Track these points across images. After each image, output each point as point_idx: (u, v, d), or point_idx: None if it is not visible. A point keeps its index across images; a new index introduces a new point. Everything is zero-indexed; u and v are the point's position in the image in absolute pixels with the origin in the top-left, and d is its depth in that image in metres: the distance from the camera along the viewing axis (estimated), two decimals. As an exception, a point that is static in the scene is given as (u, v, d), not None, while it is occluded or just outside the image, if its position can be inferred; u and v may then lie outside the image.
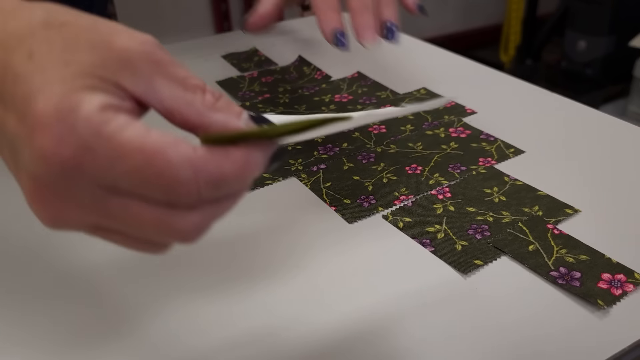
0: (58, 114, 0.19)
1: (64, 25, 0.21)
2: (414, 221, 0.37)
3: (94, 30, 0.21)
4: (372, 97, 0.54)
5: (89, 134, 0.19)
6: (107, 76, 0.20)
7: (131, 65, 0.21)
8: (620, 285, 0.30)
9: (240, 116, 0.22)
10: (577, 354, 0.27)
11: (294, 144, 0.46)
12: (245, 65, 0.62)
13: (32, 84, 0.20)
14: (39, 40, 0.21)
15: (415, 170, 0.42)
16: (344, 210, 0.38)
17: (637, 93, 1.73)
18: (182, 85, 0.22)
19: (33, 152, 0.19)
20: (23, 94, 0.20)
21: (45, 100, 0.19)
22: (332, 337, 0.29)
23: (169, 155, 0.20)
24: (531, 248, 0.34)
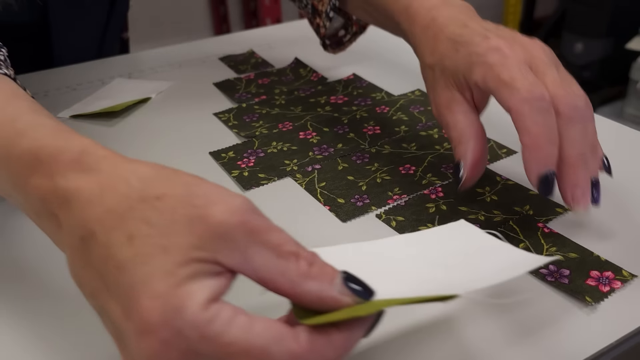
0: (164, 317, 0.19)
1: (160, 199, 0.21)
2: (406, 220, 0.37)
3: (190, 203, 0.21)
4: (367, 98, 0.54)
5: (196, 338, 0.19)
6: (206, 256, 0.21)
7: (228, 238, 0.21)
8: (608, 282, 0.31)
9: (333, 281, 0.22)
10: (566, 348, 0.27)
11: (289, 145, 0.46)
12: (242, 67, 0.63)
13: (135, 276, 0.20)
14: (137, 220, 0.21)
15: (408, 170, 0.42)
16: (337, 209, 0.38)
17: (634, 95, 1.74)
18: (276, 253, 0.21)
19: (140, 352, 0.20)
20: (126, 285, 0.20)
21: (151, 300, 0.19)
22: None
23: (273, 353, 0.20)
24: (521, 246, 0.34)
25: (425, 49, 0.37)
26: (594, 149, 0.32)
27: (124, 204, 0.21)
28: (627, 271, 0.32)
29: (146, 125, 0.51)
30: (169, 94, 0.58)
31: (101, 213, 0.21)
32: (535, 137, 0.30)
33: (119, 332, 0.21)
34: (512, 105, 0.31)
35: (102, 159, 0.23)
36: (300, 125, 0.49)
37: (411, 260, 0.28)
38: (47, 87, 0.60)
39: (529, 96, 0.30)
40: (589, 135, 0.32)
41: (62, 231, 0.23)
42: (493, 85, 0.32)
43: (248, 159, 0.45)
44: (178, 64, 0.65)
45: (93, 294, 0.22)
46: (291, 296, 0.22)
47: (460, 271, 0.26)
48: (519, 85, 0.30)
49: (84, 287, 0.22)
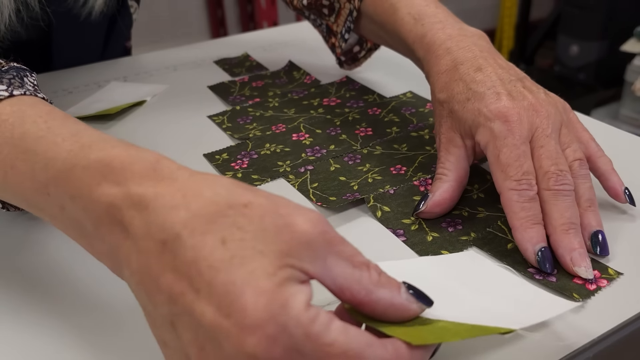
0: (270, 313, 0.19)
1: (247, 207, 0.22)
2: (392, 211, 0.38)
3: (276, 212, 0.22)
4: (360, 100, 0.55)
5: (300, 335, 0.20)
6: (296, 264, 0.21)
7: (312, 248, 0.22)
8: (594, 280, 0.31)
9: (400, 290, 0.24)
10: (553, 342, 0.28)
11: (282, 146, 0.47)
12: (237, 70, 0.64)
13: (234, 275, 0.20)
14: (228, 224, 0.21)
15: (399, 170, 0.43)
16: (329, 204, 0.39)
17: (628, 97, 1.74)
18: (351, 263, 0.23)
19: (241, 350, 0.19)
20: (224, 284, 0.20)
21: (256, 297, 0.20)
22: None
23: (367, 356, 0.21)
24: (509, 246, 0.35)
25: (438, 83, 0.39)
26: (591, 203, 0.34)
27: (212, 209, 0.21)
28: (613, 269, 0.32)
29: (141, 128, 0.52)
30: (164, 96, 0.58)
31: (187, 217, 0.21)
32: (522, 220, 0.32)
33: (210, 333, 0.20)
34: (502, 190, 0.34)
35: (177, 169, 0.24)
36: (293, 127, 0.50)
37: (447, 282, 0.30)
38: (44, 90, 0.60)
39: (518, 187, 0.33)
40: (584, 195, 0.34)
41: (130, 238, 0.22)
42: (490, 158, 0.35)
43: (242, 161, 0.45)
44: (173, 67, 0.66)
45: (173, 297, 0.21)
46: (366, 304, 0.23)
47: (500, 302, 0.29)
48: (512, 174, 0.33)
49: (160, 294, 0.21)
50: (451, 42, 0.39)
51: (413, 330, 0.24)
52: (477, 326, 0.25)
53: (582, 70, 1.94)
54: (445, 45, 0.39)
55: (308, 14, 0.56)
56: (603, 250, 0.33)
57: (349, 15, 0.51)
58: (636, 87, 1.65)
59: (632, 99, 1.73)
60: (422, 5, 0.43)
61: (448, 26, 0.41)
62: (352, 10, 0.50)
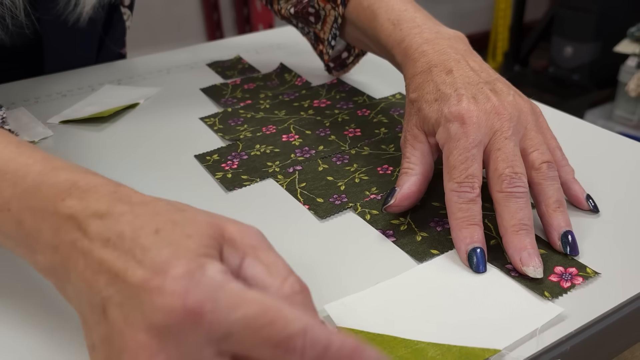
0: (188, 271, 0.22)
1: (184, 211, 0.25)
2: (380, 214, 0.39)
3: (210, 215, 0.25)
4: (350, 102, 0.56)
5: (214, 287, 0.22)
6: (218, 249, 0.24)
7: (234, 245, 0.25)
8: (570, 278, 0.32)
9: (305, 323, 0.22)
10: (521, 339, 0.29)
11: (272, 147, 0.48)
12: (229, 72, 0.64)
13: (162, 254, 0.22)
14: (164, 220, 0.24)
15: (386, 170, 0.44)
16: (316, 208, 0.40)
17: (622, 97, 1.76)
18: (267, 269, 0.24)
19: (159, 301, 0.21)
20: (153, 259, 0.22)
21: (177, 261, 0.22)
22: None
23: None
24: (492, 243, 0.35)
25: (412, 84, 0.40)
26: (560, 204, 0.35)
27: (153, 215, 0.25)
28: (592, 269, 0.33)
29: (134, 129, 0.53)
30: (157, 99, 0.59)
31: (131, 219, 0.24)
32: (458, 220, 0.34)
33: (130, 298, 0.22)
34: (445, 191, 0.35)
35: (134, 193, 0.26)
36: (283, 128, 0.51)
37: (439, 293, 0.32)
38: (38, 94, 0.61)
39: (459, 189, 0.34)
40: (552, 196, 0.35)
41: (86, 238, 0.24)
42: (443, 159, 0.36)
43: (232, 162, 0.46)
44: (167, 70, 0.67)
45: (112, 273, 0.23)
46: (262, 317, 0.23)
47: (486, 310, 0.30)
48: (455, 176, 0.35)
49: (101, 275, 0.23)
50: (427, 45, 0.41)
51: None
52: (463, 354, 0.27)
53: (576, 71, 1.95)
54: (421, 48, 0.41)
55: (296, 22, 0.57)
56: (573, 250, 0.34)
57: (334, 22, 0.52)
58: (630, 88, 1.67)
59: (626, 99, 1.75)
60: (401, 10, 0.44)
61: (425, 30, 0.42)
62: (336, 17, 0.51)
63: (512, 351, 0.28)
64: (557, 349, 0.28)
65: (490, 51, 2.22)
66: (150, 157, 0.48)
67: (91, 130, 0.53)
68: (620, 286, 0.32)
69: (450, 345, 0.28)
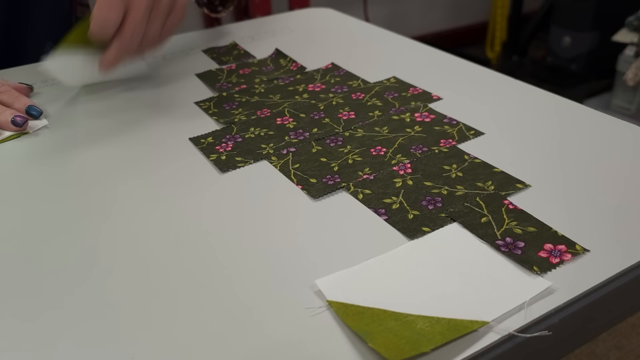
0: None
1: None
2: (373, 193, 0.39)
3: None
4: (344, 86, 0.56)
5: None
6: None
7: None
8: (559, 254, 0.32)
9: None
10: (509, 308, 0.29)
11: (266, 130, 0.48)
12: (225, 58, 0.64)
13: None
14: None
15: (379, 151, 0.44)
16: (309, 188, 0.40)
17: (620, 87, 1.76)
18: None
19: None
20: None
21: None
22: (302, 294, 0.31)
23: None
24: (483, 220, 0.36)
25: None
26: None
27: None
28: (581, 246, 0.33)
29: (129, 114, 0.53)
30: (154, 84, 0.59)
31: None
32: None
33: None
34: None
35: None
36: (278, 112, 0.51)
37: (430, 268, 0.32)
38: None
39: None
40: None
41: None
42: None
43: (226, 144, 0.46)
44: (162, 56, 0.67)
45: None
46: None
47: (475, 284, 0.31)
48: None
49: None
50: None
51: (392, 339, 0.26)
52: (452, 325, 0.28)
53: (575, 61, 1.95)
54: None
55: None
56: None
57: None
58: (627, 77, 1.67)
59: (624, 89, 1.75)
60: None
61: None
62: None
63: (501, 323, 0.28)
64: (546, 321, 0.29)
65: (489, 41, 2.21)
66: (145, 139, 0.48)
67: (87, 116, 0.53)
68: (608, 262, 0.32)
69: (439, 318, 0.28)
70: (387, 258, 0.33)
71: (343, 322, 0.29)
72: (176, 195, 0.40)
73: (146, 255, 0.34)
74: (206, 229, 0.36)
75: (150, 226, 0.37)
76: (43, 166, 0.45)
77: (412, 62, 0.61)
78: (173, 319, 0.30)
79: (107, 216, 0.38)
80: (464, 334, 0.27)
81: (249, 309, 0.30)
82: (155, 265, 0.34)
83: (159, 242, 0.35)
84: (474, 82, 0.56)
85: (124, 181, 0.42)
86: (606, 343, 1.27)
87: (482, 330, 0.28)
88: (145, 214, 0.38)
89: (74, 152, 0.47)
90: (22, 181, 0.43)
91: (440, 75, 0.57)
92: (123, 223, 0.37)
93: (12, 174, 0.44)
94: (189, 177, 0.43)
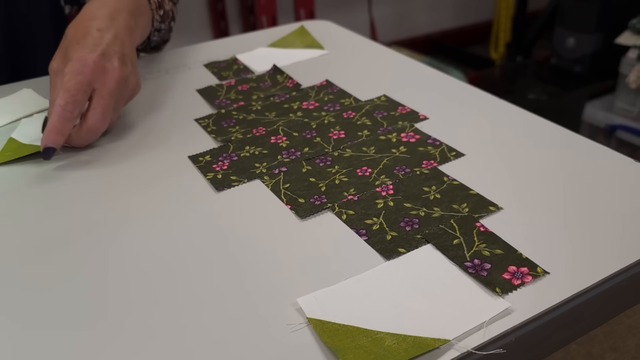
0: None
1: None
2: (356, 214, 0.42)
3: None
4: (337, 104, 0.59)
5: None
6: None
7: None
8: (521, 276, 0.35)
9: None
10: (470, 327, 0.32)
11: (260, 149, 0.51)
12: (225, 73, 0.68)
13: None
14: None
15: (365, 172, 0.47)
16: (297, 208, 0.43)
17: (623, 89, 1.77)
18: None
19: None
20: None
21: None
22: (286, 307, 0.34)
23: None
24: (455, 242, 0.39)
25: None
26: None
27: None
28: (542, 268, 0.36)
29: (132, 129, 0.56)
30: (156, 100, 0.62)
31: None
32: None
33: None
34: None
35: None
36: (272, 130, 0.54)
37: (401, 288, 0.35)
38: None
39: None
40: None
41: None
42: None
43: (222, 162, 0.49)
44: (165, 70, 0.70)
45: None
46: None
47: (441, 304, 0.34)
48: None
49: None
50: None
51: (361, 355, 0.30)
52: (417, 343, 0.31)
53: (578, 62, 1.96)
54: None
55: None
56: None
57: None
58: (630, 80, 1.68)
59: (627, 91, 1.76)
60: None
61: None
62: None
63: (461, 341, 0.31)
64: (502, 340, 0.32)
65: (493, 42, 2.23)
66: (146, 156, 0.52)
67: (93, 130, 0.57)
68: (565, 284, 0.35)
69: (406, 335, 0.31)
70: (363, 278, 0.36)
71: (320, 338, 0.32)
72: (174, 212, 0.44)
73: (139, 269, 0.38)
74: (199, 246, 0.40)
75: (150, 242, 0.40)
76: (45, 182, 0.48)
77: (404, 79, 0.64)
78: (158, 333, 0.33)
79: (108, 231, 0.42)
80: (426, 350, 0.31)
81: (236, 322, 0.34)
82: (146, 280, 0.37)
83: (154, 258, 0.39)
84: (461, 101, 0.58)
85: (127, 196, 0.46)
86: (602, 344, 1.29)
87: (443, 347, 0.31)
88: (145, 229, 0.42)
89: (75, 168, 0.50)
90: (23, 199, 0.47)
91: (429, 93, 0.60)
92: (123, 238, 0.41)
93: (13, 191, 0.48)
94: (187, 194, 0.46)
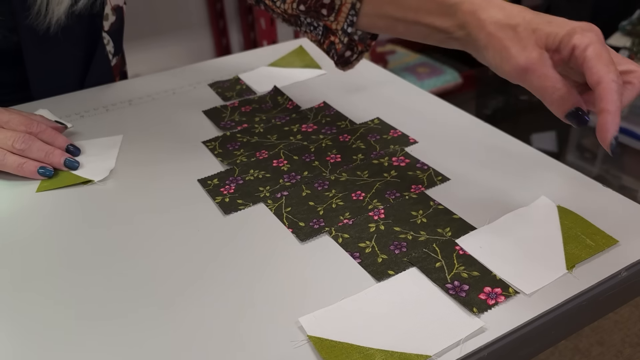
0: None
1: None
2: (350, 237, 0.47)
3: None
4: (333, 126, 0.63)
5: None
6: None
7: None
8: (495, 296, 0.40)
9: None
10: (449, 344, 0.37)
11: (264, 172, 0.56)
12: (228, 94, 0.72)
13: None
14: None
15: (359, 196, 0.52)
16: (298, 231, 0.48)
17: (613, 89, 1.81)
18: None
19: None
20: None
21: None
22: (287, 322, 0.39)
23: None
24: (437, 265, 0.43)
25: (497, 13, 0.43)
26: None
27: None
28: (514, 288, 0.41)
29: (142, 153, 0.61)
30: (165, 122, 0.67)
31: None
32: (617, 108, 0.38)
33: None
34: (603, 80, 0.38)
35: None
36: (274, 153, 0.59)
37: (390, 308, 0.40)
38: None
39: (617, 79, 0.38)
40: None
41: None
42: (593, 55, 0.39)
43: (229, 186, 0.54)
44: (172, 90, 0.74)
45: None
46: None
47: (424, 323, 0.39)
48: (613, 69, 0.38)
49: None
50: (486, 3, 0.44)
51: None
52: (402, 358, 0.36)
53: (570, 61, 2.00)
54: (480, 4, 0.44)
55: (303, 19, 0.60)
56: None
57: (352, 8, 0.55)
58: (619, 80, 1.72)
59: (616, 91, 1.80)
60: None
61: None
62: (354, 4, 0.54)
63: (440, 357, 0.36)
64: (477, 355, 0.37)
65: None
66: (158, 180, 0.56)
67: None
68: (533, 304, 0.40)
69: (393, 351, 0.36)
70: (358, 298, 0.41)
71: (319, 354, 0.37)
72: (185, 235, 0.48)
73: (148, 287, 0.43)
74: (207, 267, 0.45)
75: (160, 263, 0.45)
76: (72, 205, 0.53)
77: (397, 101, 0.68)
78: (164, 351, 0.38)
79: (122, 253, 0.46)
80: None
81: (242, 340, 0.38)
82: (153, 298, 0.42)
83: (163, 278, 0.44)
84: (450, 125, 0.63)
85: (142, 219, 0.50)
86: (589, 339, 1.35)
87: (425, 362, 0.36)
88: (159, 252, 0.46)
89: (89, 191, 0.55)
90: (42, 222, 0.51)
91: (420, 117, 0.65)
92: (136, 259, 0.46)
93: (44, 212, 0.52)
94: (198, 218, 0.50)
